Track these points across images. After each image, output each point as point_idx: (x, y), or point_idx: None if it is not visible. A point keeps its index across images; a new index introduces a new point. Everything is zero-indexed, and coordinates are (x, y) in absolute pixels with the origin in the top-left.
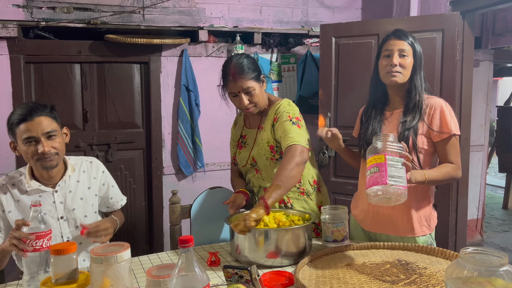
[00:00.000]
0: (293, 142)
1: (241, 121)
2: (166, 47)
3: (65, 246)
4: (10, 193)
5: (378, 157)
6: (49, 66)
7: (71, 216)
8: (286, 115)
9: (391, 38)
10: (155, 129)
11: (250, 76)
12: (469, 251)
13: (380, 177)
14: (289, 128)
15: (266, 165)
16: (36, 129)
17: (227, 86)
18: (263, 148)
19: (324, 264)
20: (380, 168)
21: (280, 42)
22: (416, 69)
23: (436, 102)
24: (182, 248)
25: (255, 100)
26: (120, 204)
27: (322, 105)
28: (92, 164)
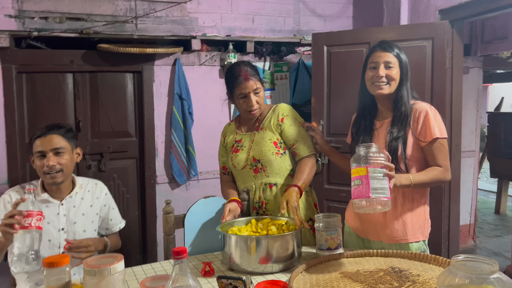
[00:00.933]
0: (312, 151)
1: (232, 129)
2: (159, 56)
3: (58, 259)
4: None
5: (361, 170)
6: (41, 76)
7: (71, 229)
8: (297, 121)
9: (376, 50)
10: (148, 138)
11: (258, 77)
12: (460, 258)
13: (363, 190)
14: (305, 135)
15: (271, 160)
16: (46, 144)
17: (238, 87)
18: (266, 145)
19: (318, 272)
20: (362, 181)
21: (272, 50)
22: (403, 80)
23: (421, 107)
24: (176, 260)
25: (261, 102)
26: (119, 227)
27: (315, 113)
28: (97, 186)
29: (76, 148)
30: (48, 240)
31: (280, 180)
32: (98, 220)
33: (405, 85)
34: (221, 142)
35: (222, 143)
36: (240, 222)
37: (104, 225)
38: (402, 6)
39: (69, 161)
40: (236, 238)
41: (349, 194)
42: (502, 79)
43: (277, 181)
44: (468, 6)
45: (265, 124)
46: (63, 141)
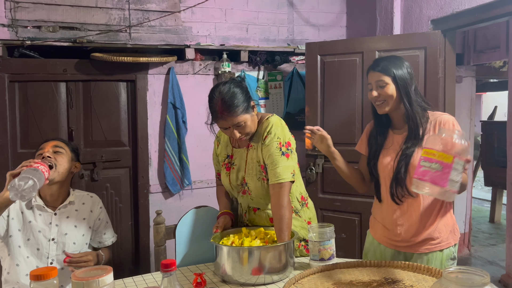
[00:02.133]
0: (279, 179)
1: (225, 138)
2: (153, 65)
3: (46, 271)
4: (19, 203)
5: (446, 156)
6: (34, 85)
7: (61, 240)
8: (276, 142)
9: (369, 71)
10: (141, 147)
11: (240, 110)
12: (452, 270)
13: (440, 178)
14: (277, 160)
15: (257, 186)
16: (48, 145)
17: (217, 122)
18: (254, 169)
19: (311, 283)
20: (444, 169)
21: (266, 59)
22: (402, 94)
23: (446, 119)
24: (164, 273)
25: (247, 131)
26: (111, 241)
27: (308, 122)
28: (92, 199)
29: (76, 162)
30: (36, 249)
31: (264, 205)
32: (89, 234)
33: (407, 98)
34: (214, 149)
35: (215, 151)
36: (231, 233)
37: (97, 239)
38: (395, 16)
39: (65, 162)
40: (228, 249)
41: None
42: (495, 88)
43: (261, 206)
44: (460, 16)
45: (254, 141)
46: (66, 147)
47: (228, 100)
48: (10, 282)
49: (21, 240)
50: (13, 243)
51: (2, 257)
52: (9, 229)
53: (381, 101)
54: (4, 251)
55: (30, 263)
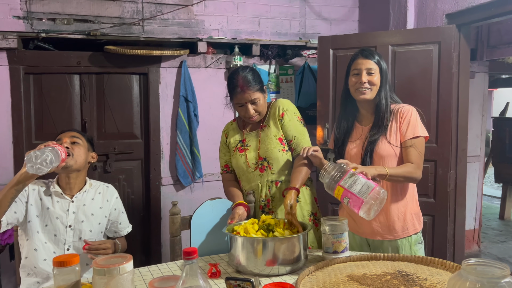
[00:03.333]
0: None
1: (234, 128)
2: (165, 58)
3: (68, 258)
4: (38, 190)
5: (338, 190)
6: (48, 77)
7: (78, 227)
8: (296, 116)
9: (359, 57)
10: (153, 139)
11: (256, 87)
12: (471, 262)
13: (355, 201)
14: (303, 131)
15: (278, 157)
16: (65, 135)
17: (235, 97)
18: (272, 143)
19: (325, 275)
20: (348, 195)
21: (278, 53)
22: (383, 85)
23: (406, 109)
24: (186, 260)
25: (259, 109)
26: (127, 231)
27: (320, 116)
28: (108, 189)
29: (92, 152)
30: (54, 235)
31: (285, 177)
32: (106, 223)
33: (384, 89)
34: (223, 141)
35: (224, 142)
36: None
37: (113, 228)
38: (409, 10)
39: (82, 153)
40: (243, 240)
41: None
42: (507, 84)
43: (282, 178)
44: (475, 11)
45: (268, 121)
46: (82, 138)
47: (248, 77)
48: (27, 267)
49: (39, 226)
50: (32, 229)
51: (21, 244)
52: (27, 214)
53: (368, 88)
54: (23, 237)
55: (47, 249)
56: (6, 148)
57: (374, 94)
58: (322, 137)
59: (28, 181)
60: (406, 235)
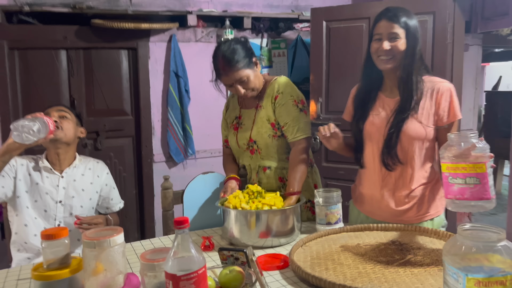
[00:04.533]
0: (303, 135)
1: (234, 102)
2: (154, 32)
3: (57, 231)
4: (27, 165)
5: (478, 166)
6: (34, 52)
7: (69, 202)
8: (291, 100)
9: (381, 20)
10: (144, 116)
11: (240, 65)
12: (467, 227)
13: (483, 191)
14: (298, 116)
15: (267, 143)
16: (53, 109)
17: (220, 79)
18: (264, 126)
19: (319, 246)
20: (481, 180)
21: (270, 27)
22: (408, 52)
23: (445, 87)
24: (178, 230)
25: (251, 86)
26: (119, 207)
27: (313, 91)
28: (98, 164)
29: (81, 127)
30: (44, 211)
31: (274, 164)
32: (97, 199)
33: (410, 58)
34: (223, 115)
35: (224, 116)
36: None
37: (105, 204)
38: None
39: (71, 127)
40: (236, 212)
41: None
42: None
43: (271, 164)
44: None
45: (263, 102)
46: (70, 112)
47: (228, 56)
48: (17, 242)
49: (28, 201)
50: (21, 204)
51: (10, 221)
52: (16, 190)
53: (390, 55)
54: (12, 213)
55: (38, 224)
56: None
57: (398, 62)
58: (316, 112)
59: (15, 152)
60: (428, 218)
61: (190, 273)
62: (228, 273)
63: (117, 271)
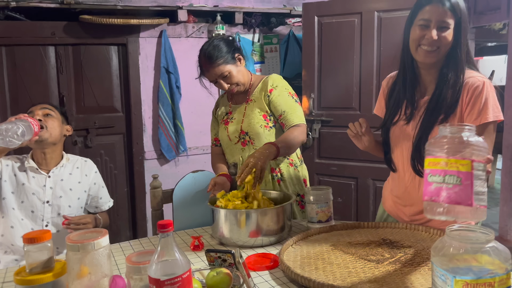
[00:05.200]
0: (301, 121)
1: (225, 101)
2: (144, 27)
3: (39, 234)
4: (12, 166)
5: (462, 163)
6: (21, 49)
7: (56, 203)
8: (286, 92)
9: (433, 3)
10: (135, 113)
11: (220, 61)
12: (455, 228)
13: (463, 194)
14: (294, 105)
15: (259, 133)
16: (36, 107)
17: (204, 75)
18: (255, 118)
19: (309, 245)
20: (463, 180)
21: (262, 22)
22: (456, 43)
23: (474, 81)
24: (161, 233)
25: (234, 81)
26: (108, 205)
27: (305, 86)
28: (86, 163)
29: (67, 125)
30: (31, 212)
31: None
32: (85, 198)
33: (458, 48)
34: (213, 113)
35: (214, 114)
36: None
37: (93, 203)
38: None
39: (56, 125)
40: (226, 212)
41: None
42: (493, 52)
43: None
44: None
45: (255, 96)
46: (55, 110)
47: (208, 53)
48: (4, 245)
49: (14, 202)
50: (7, 205)
51: None
52: (1, 191)
53: (436, 47)
54: None
55: (25, 225)
56: None
57: (442, 55)
58: (308, 108)
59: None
60: None
61: (174, 278)
62: (215, 275)
63: (102, 274)
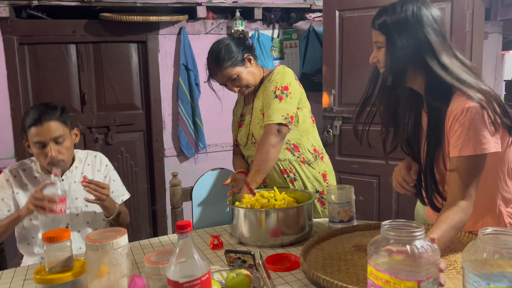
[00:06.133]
0: (268, 121)
1: (241, 100)
2: (164, 24)
3: (58, 233)
4: (19, 176)
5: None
6: (43, 47)
7: (73, 205)
8: (273, 86)
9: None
10: (155, 110)
11: (227, 64)
12: (489, 231)
13: None
14: (269, 102)
15: (260, 134)
16: (44, 134)
17: (213, 79)
18: (256, 117)
19: (331, 245)
20: None
21: (281, 17)
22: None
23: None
24: (180, 234)
25: (243, 84)
26: (121, 199)
27: (326, 82)
28: (96, 158)
29: (73, 129)
30: (51, 220)
31: None
32: None
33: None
34: (233, 113)
35: (234, 115)
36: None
37: None
38: None
39: (69, 147)
40: (245, 211)
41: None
42: None
43: None
44: None
45: (259, 93)
46: (61, 127)
47: (215, 57)
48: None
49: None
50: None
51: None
52: (17, 204)
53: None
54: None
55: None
56: (4, 121)
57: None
58: (328, 104)
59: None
60: None
61: (193, 280)
62: (235, 277)
63: (121, 274)
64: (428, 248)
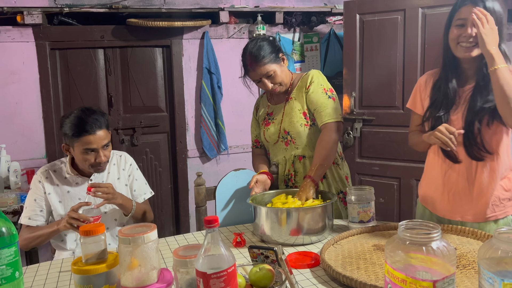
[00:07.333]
0: (330, 119)
1: (264, 102)
2: (187, 29)
3: (94, 227)
4: (50, 177)
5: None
6: (73, 52)
7: None
8: (321, 88)
9: (467, 4)
10: (178, 112)
11: (266, 60)
12: (504, 230)
13: None
14: (326, 102)
15: (300, 132)
16: (97, 142)
17: (249, 75)
18: (295, 116)
19: (351, 244)
20: None
21: (302, 21)
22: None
23: None
24: (208, 228)
25: (278, 81)
26: (143, 198)
27: (346, 85)
28: (121, 157)
29: None
30: None
31: (309, 152)
32: (128, 191)
33: None
34: (253, 115)
35: (255, 116)
36: (270, 195)
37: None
38: None
39: (110, 148)
40: (267, 210)
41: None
42: None
43: (306, 153)
44: None
45: (294, 94)
46: (108, 134)
47: (255, 52)
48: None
49: (62, 209)
50: (56, 213)
51: None
52: (50, 204)
53: (474, 42)
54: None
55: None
56: (36, 123)
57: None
58: (349, 107)
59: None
60: (494, 218)
61: (220, 271)
62: (258, 271)
63: (151, 267)
64: (444, 249)
